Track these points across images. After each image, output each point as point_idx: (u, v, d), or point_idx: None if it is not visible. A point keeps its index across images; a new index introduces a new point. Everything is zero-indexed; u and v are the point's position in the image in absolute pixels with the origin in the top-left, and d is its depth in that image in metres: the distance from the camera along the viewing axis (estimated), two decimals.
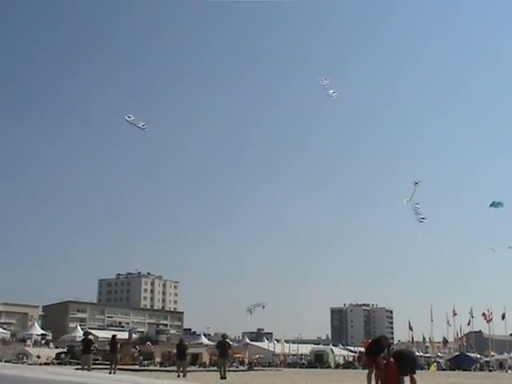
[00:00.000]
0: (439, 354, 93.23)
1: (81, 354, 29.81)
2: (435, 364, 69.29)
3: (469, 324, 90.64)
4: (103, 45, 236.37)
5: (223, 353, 27.28)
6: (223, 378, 25.42)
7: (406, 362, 14.92)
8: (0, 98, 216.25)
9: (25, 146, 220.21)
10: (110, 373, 25.80)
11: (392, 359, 14.80)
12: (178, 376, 27.27)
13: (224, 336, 29.12)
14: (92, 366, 27.67)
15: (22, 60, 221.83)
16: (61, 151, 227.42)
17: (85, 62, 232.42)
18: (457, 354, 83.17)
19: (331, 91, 28.07)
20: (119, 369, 30.12)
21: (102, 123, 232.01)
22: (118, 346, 31.09)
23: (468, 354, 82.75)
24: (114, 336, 31.65)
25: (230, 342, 31.86)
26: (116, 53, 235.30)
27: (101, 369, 31.01)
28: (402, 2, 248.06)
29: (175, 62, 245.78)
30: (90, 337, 29.99)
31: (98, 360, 40.10)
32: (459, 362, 69.87)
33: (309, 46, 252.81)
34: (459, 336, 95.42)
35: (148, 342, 69.83)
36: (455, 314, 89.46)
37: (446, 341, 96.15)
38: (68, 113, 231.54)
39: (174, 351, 36.34)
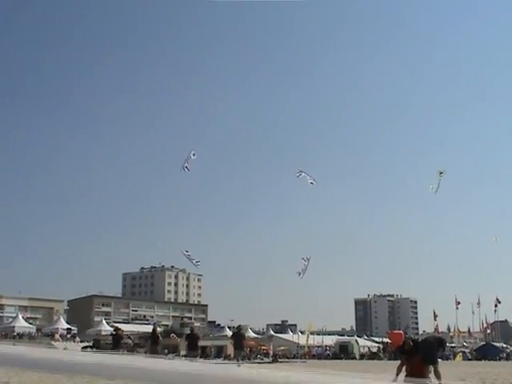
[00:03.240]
0: (464, 343, 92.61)
1: (111, 349, 30.35)
2: (461, 354, 68.78)
3: (495, 312, 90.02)
4: (116, 43, 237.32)
5: (238, 344, 27.33)
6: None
7: (422, 348, 14.96)
8: (10, 98, 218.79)
9: (43, 142, 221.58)
10: None
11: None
12: None
13: (239, 328, 29.57)
14: None
15: (31, 62, 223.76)
16: (80, 145, 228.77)
17: (98, 61, 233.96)
18: (482, 343, 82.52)
19: (195, 260, 29.74)
20: None
21: (121, 118, 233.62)
22: (160, 338, 31.62)
23: (494, 343, 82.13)
24: (154, 329, 32.50)
25: (252, 334, 31.86)
26: (128, 52, 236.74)
27: None
28: None
29: (185, 60, 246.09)
30: (120, 332, 30.35)
31: (123, 353, 40.29)
32: (485, 352, 69.29)
33: (329, 37, 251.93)
34: (484, 325, 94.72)
35: (172, 334, 69.95)
36: (478, 303, 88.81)
37: (469, 331, 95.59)
38: (87, 108, 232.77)
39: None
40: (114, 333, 30.02)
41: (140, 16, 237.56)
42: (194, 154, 28.16)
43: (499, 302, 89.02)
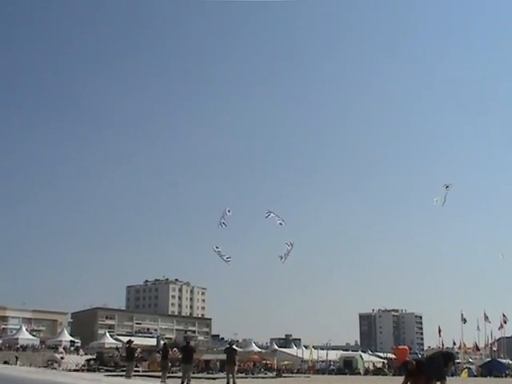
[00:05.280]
0: (470, 359, 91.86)
1: (125, 361, 30.92)
2: (466, 370, 68.30)
3: (500, 329, 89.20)
4: (123, 52, 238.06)
5: (230, 359, 27.18)
6: None
7: (428, 366, 14.75)
8: (21, 105, 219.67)
9: (48, 153, 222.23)
10: (161, 381, 26.55)
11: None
12: (182, 382, 25.63)
13: (231, 343, 29.82)
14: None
15: (43, 67, 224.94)
16: (85, 157, 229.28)
17: (107, 69, 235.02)
18: (488, 359, 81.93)
19: (226, 257, 29.66)
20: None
21: (125, 128, 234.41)
22: (170, 353, 31.77)
23: (499, 359, 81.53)
24: (165, 344, 33.24)
25: (255, 348, 32.05)
26: (136, 58, 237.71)
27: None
28: None
29: (196, 67, 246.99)
30: (133, 345, 30.51)
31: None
32: (491, 368, 68.80)
33: (337, 46, 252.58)
34: (490, 341, 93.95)
35: (175, 349, 69.68)
36: (487, 318, 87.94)
37: (476, 347, 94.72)
38: (94, 118, 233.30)
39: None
40: (128, 345, 30.27)
41: (146, 26, 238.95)
42: (229, 211, 28.66)
43: (504, 316, 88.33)
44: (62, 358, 64.09)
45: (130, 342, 30.96)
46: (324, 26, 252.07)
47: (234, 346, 29.08)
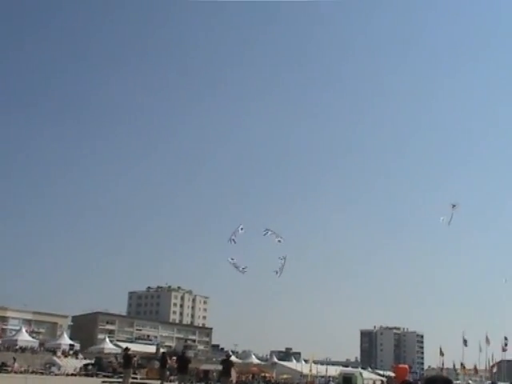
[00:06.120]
0: (470, 381, 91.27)
1: (122, 368, 30.92)
2: None
3: (504, 351, 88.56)
4: (136, 56, 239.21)
5: (226, 371, 27.43)
6: None
7: None
8: (35, 104, 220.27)
9: (52, 154, 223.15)
10: None
11: None
12: None
13: (228, 355, 30.15)
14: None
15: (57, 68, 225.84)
16: (93, 159, 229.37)
17: (124, 68, 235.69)
18: (489, 382, 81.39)
19: (242, 267, 29.60)
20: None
21: (142, 127, 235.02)
22: (169, 362, 31.77)
23: (500, 383, 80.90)
24: (163, 353, 33.21)
25: (255, 360, 32.24)
26: (152, 58, 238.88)
27: None
28: None
29: (212, 68, 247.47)
30: (130, 352, 30.42)
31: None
32: None
33: (351, 53, 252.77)
34: (491, 364, 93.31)
35: (173, 357, 69.42)
36: (487, 341, 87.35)
37: (475, 369, 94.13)
38: (99, 122, 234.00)
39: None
40: (124, 352, 30.20)
41: (164, 27, 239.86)
42: (242, 229, 28.56)
43: (506, 339, 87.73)
44: (60, 359, 63.94)
45: (127, 349, 30.82)
46: (340, 30, 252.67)
47: (230, 359, 29.13)
